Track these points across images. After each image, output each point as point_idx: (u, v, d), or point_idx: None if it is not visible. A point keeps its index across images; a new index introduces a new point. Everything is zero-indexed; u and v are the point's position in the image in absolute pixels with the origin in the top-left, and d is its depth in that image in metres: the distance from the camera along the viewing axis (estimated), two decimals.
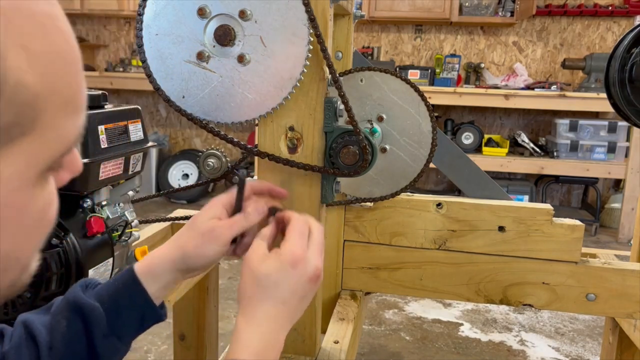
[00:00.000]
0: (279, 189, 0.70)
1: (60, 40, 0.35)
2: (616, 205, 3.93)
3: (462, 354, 2.15)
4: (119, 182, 0.87)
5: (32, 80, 0.32)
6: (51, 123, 0.34)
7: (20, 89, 0.32)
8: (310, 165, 0.71)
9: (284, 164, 0.71)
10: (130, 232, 0.88)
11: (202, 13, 0.66)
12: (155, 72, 0.68)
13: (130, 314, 0.63)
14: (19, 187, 0.34)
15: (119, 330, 0.62)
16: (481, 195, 1.09)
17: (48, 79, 0.33)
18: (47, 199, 0.37)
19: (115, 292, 0.63)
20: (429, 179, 4.57)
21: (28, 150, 0.33)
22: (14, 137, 0.32)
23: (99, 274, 0.81)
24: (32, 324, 0.59)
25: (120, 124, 0.82)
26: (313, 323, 0.79)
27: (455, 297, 1.05)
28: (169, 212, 1.38)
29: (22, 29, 0.32)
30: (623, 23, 4.12)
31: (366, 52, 4.30)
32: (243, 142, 0.73)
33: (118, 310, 0.62)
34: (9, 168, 0.33)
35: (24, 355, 0.58)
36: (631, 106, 1.08)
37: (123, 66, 4.59)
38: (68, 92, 0.35)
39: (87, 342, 0.60)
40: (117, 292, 0.63)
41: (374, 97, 0.94)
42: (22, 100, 0.32)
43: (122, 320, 0.63)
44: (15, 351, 0.57)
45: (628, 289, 0.99)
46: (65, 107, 0.35)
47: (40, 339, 0.58)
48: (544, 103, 3.81)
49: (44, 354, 0.58)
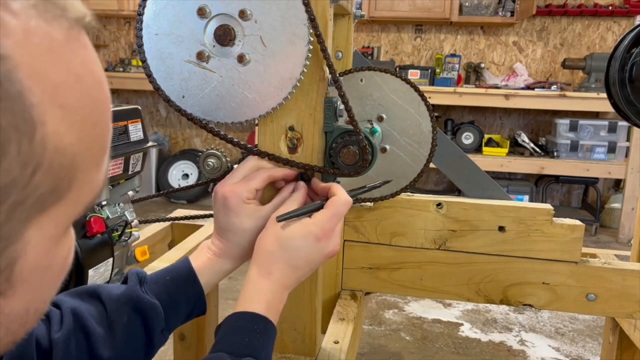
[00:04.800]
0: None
1: (95, 89, 0.32)
2: (616, 205, 3.93)
3: (462, 354, 2.15)
4: (119, 182, 0.87)
5: (70, 141, 0.29)
6: (85, 179, 0.32)
7: (59, 155, 0.29)
8: (310, 165, 0.71)
9: (284, 164, 0.71)
10: (130, 232, 0.88)
11: (202, 13, 0.66)
12: (155, 72, 0.68)
13: (184, 309, 0.66)
14: (47, 249, 0.32)
15: (172, 324, 0.66)
16: (481, 195, 1.09)
17: (85, 135, 0.31)
18: (70, 244, 0.36)
19: (174, 289, 0.66)
20: (429, 179, 4.57)
21: (60, 213, 0.31)
22: (48, 205, 0.30)
23: (98, 274, 0.81)
24: (82, 314, 0.60)
25: (120, 124, 0.82)
26: (313, 323, 0.79)
27: (455, 297, 1.05)
28: (169, 212, 1.38)
29: (59, 85, 0.29)
30: (623, 23, 4.12)
31: (366, 52, 4.30)
32: (243, 142, 0.73)
33: (175, 307, 0.65)
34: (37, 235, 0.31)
35: (74, 347, 0.58)
36: (631, 106, 1.08)
37: (123, 66, 4.59)
38: (102, 142, 0.33)
39: (146, 337, 0.63)
40: (176, 289, 0.66)
41: (374, 97, 0.94)
42: (60, 165, 0.29)
43: (177, 316, 0.66)
44: (64, 340, 0.58)
45: (628, 289, 0.99)
46: (98, 158, 0.33)
47: (92, 330, 0.60)
48: (544, 103, 3.81)
49: (97, 346, 0.59)
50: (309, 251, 0.62)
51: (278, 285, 0.62)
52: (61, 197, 0.30)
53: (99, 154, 0.33)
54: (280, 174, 0.70)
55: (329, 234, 0.63)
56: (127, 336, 0.62)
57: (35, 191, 0.29)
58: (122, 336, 0.61)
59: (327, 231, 0.62)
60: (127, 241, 0.87)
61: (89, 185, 0.33)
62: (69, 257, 0.36)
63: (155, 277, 0.66)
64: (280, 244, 0.62)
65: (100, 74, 0.33)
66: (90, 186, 0.33)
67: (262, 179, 0.68)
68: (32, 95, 0.27)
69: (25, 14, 0.28)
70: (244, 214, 0.66)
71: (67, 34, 0.30)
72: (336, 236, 0.64)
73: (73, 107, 0.30)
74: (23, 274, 0.31)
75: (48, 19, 0.29)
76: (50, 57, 0.29)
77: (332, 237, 0.63)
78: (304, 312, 0.78)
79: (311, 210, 0.64)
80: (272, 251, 0.62)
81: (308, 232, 0.62)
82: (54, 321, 0.59)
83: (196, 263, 0.68)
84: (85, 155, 0.31)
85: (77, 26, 0.31)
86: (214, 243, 0.70)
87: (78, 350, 0.59)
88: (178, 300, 0.66)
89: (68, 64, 0.30)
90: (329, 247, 0.63)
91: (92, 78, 0.32)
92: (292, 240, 0.62)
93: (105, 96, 0.33)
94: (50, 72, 0.28)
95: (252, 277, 0.63)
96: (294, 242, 0.62)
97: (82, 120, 0.30)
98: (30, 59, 0.27)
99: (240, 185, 0.67)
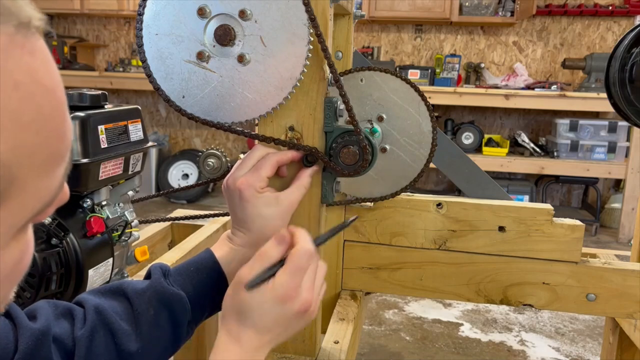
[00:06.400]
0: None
1: (39, 96, 0.31)
2: (616, 205, 3.93)
3: (462, 354, 2.15)
4: (119, 182, 0.87)
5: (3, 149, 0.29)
6: (29, 185, 0.31)
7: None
8: (316, 148, 0.70)
9: (290, 149, 0.71)
10: (130, 232, 0.88)
11: (202, 13, 0.66)
12: (155, 72, 0.68)
13: (210, 301, 0.67)
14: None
15: (199, 316, 0.66)
16: (481, 195, 1.09)
17: (22, 144, 0.30)
18: (23, 248, 0.35)
19: (199, 281, 0.66)
20: (429, 179, 4.57)
21: (3, 217, 0.31)
22: None
23: (98, 274, 0.81)
24: (105, 311, 0.60)
25: (120, 124, 0.82)
26: (313, 323, 0.79)
27: (455, 297, 1.05)
28: (169, 212, 1.38)
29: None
30: (623, 23, 4.12)
31: (366, 52, 4.30)
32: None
33: (201, 299, 0.66)
34: None
35: (98, 343, 0.59)
36: (631, 106, 1.08)
37: (123, 66, 4.59)
38: (47, 150, 0.32)
39: (172, 329, 0.63)
40: (201, 281, 0.66)
41: (374, 97, 0.94)
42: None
43: (203, 308, 0.66)
44: (88, 337, 0.58)
45: (628, 289, 0.99)
46: (45, 165, 0.32)
47: (116, 327, 0.60)
48: (544, 103, 3.81)
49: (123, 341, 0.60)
50: (276, 315, 0.59)
51: (249, 350, 0.60)
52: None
53: (48, 161, 0.32)
54: (288, 157, 0.69)
55: (292, 293, 0.59)
56: (154, 329, 0.62)
57: None
58: (149, 329, 0.62)
59: (291, 290, 0.59)
60: (127, 241, 0.87)
61: (34, 192, 0.32)
62: (23, 261, 0.35)
63: (179, 269, 0.67)
64: (245, 312, 0.60)
65: (50, 80, 0.32)
66: (37, 193, 0.32)
67: (272, 165, 0.68)
68: None
69: None
70: (260, 203, 0.66)
71: (9, 39, 0.29)
72: (305, 291, 0.60)
73: (8, 115, 0.28)
74: None
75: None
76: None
77: (299, 294, 0.59)
78: None
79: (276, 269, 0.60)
80: (239, 317, 0.60)
81: (271, 298, 0.59)
82: (77, 319, 0.60)
83: (219, 254, 0.69)
84: (26, 163, 0.30)
85: (23, 31, 0.30)
86: (234, 234, 0.70)
87: (103, 346, 0.59)
88: (203, 291, 0.66)
89: (4, 71, 0.29)
90: (296, 306, 0.59)
91: (37, 85, 0.30)
92: (256, 308, 0.59)
93: (55, 102, 0.32)
94: None
95: (222, 342, 0.60)
96: (258, 309, 0.59)
97: (19, 128, 0.29)
98: None
99: (252, 175, 0.67)
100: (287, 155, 0.70)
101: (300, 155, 0.71)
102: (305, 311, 0.60)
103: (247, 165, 0.68)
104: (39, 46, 0.31)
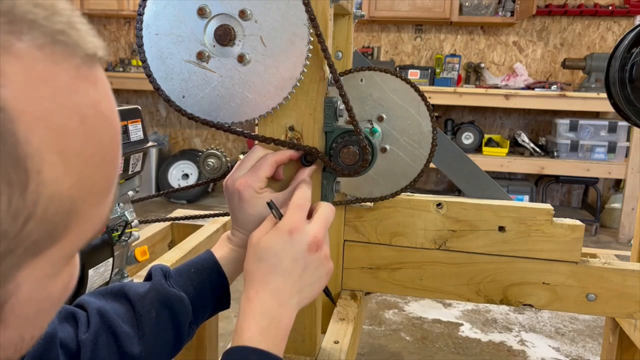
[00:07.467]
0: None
1: (101, 128, 0.30)
2: (616, 205, 3.93)
3: (462, 354, 2.15)
4: (119, 182, 0.87)
5: (68, 185, 0.28)
6: (87, 215, 0.30)
7: (55, 201, 0.27)
8: (316, 148, 0.70)
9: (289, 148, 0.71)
10: (130, 232, 0.88)
11: (202, 13, 0.66)
12: (155, 72, 0.68)
13: (211, 302, 0.67)
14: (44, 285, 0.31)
15: (200, 317, 0.66)
16: (481, 195, 1.09)
17: (86, 176, 0.29)
18: (72, 272, 0.34)
19: (200, 282, 0.66)
20: (429, 179, 4.57)
21: (56, 254, 0.30)
22: (42, 250, 0.29)
23: (98, 274, 0.81)
24: (108, 314, 0.60)
25: (120, 124, 0.82)
26: (313, 323, 0.79)
27: (455, 297, 1.05)
28: (169, 212, 1.38)
29: (61, 129, 0.27)
30: (623, 23, 4.12)
31: (366, 52, 4.30)
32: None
33: (202, 299, 0.66)
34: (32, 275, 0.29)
35: (102, 347, 0.59)
36: (631, 106, 1.08)
37: (123, 66, 4.59)
38: (108, 178, 0.31)
39: (175, 331, 0.63)
40: (202, 282, 0.66)
41: (374, 97, 0.94)
42: (56, 211, 0.28)
43: (204, 309, 0.66)
44: (92, 341, 0.58)
45: (628, 289, 0.99)
46: (102, 194, 0.31)
47: (119, 330, 0.60)
48: (544, 103, 3.81)
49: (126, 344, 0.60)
50: (289, 249, 0.59)
51: (271, 303, 0.58)
52: (56, 241, 0.29)
53: (104, 190, 0.32)
54: (286, 156, 0.69)
55: (299, 224, 0.60)
56: (156, 331, 0.62)
57: (27, 239, 0.27)
58: (151, 331, 0.62)
59: (296, 223, 0.60)
60: (127, 241, 0.87)
61: (89, 222, 0.31)
62: (71, 283, 0.35)
63: (179, 270, 0.67)
64: (259, 259, 0.59)
65: (110, 109, 0.31)
66: (92, 222, 0.31)
67: (270, 165, 0.68)
68: (29, 146, 0.26)
69: (30, 57, 0.26)
70: (260, 204, 0.66)
71: (76, 73, 0.29)
72: (312, 227, 0.61)
73: (74, 150, 0.28)
74: (15, 310, 0.30)
75: (56, 60, 0.27)
76: (54, 103, 0.27)
77: (305, 228, 0.60)
78: (304, 313, 0.78)
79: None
80: (253, 272, 0.59)
81: (279, 233, 0.59)
82: (80, 323, 0.59)
83: (219, 255, 0.69)
84: (87, 195, 0.30)
85: (89, 62, 0.30)
86: (234, 234, 0.70)
87: (106, 350, 0.59)
88: (204, 292, 0.66)
89: (73, 106, 0.28)
90: (306, 237, 0.59)
91: (100, 117, 0.30)
92: (268, 249, 0.59)
93: (114, 132, 0.32)
94: (52, 118, 0.27)
95: (242, 305, 0.59)
96: (270, 251, 0.59)
97: (83, 162, 0.29)
98: (31, 107, 0.26)
99: (251, 176, 0.67)
100: (286, 154, 0.70)
101: (298, 154, 0.71)
102: (318, 249, 0.60)
103: (246, 166, 0.69)
104: (100, 76, 0.31)
